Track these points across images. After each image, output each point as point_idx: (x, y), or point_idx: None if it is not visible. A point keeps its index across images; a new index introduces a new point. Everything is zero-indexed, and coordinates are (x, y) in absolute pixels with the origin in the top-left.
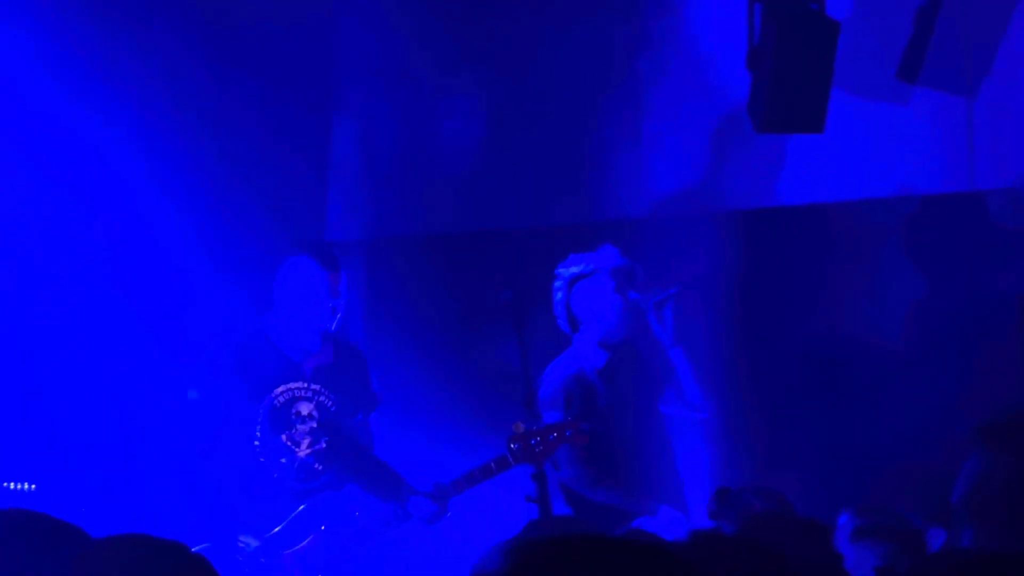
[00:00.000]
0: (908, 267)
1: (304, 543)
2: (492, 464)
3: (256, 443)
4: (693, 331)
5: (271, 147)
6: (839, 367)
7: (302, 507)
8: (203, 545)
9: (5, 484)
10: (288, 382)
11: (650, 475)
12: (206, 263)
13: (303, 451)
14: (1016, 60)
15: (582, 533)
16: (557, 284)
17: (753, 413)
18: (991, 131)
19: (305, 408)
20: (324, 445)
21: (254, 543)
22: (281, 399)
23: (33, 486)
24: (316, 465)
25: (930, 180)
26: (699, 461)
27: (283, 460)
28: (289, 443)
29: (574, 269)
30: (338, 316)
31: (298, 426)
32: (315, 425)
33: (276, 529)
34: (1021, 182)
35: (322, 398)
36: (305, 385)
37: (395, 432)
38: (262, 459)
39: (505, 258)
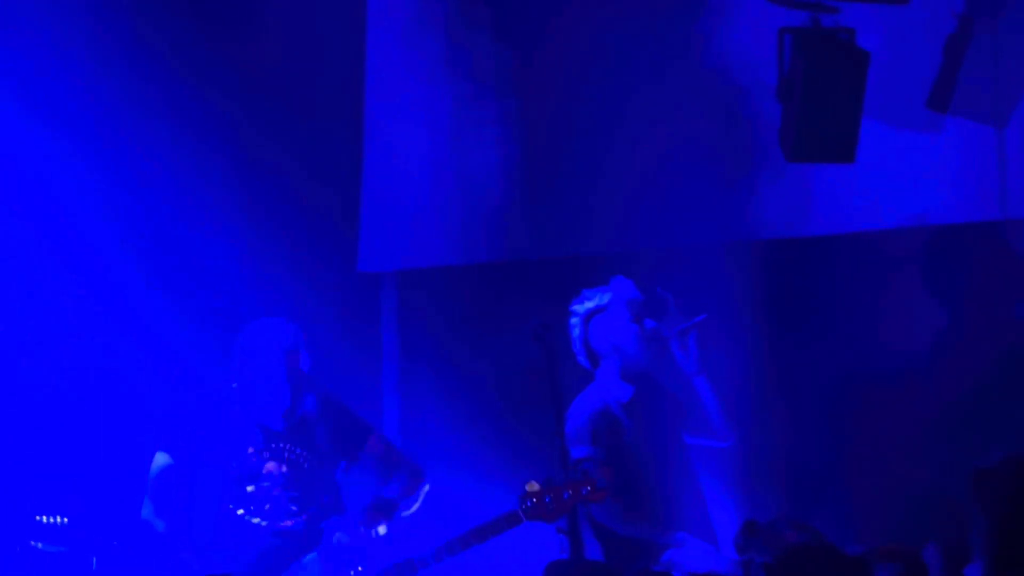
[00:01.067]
0: (937, 297)
1: None
2: (503, 520)
3: (230, 506)
4: (718, 361)
5: (302, 181)
6: (865, 397)
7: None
8: None
9: (38, 518)
10: (256, 442)
11: (677, 507)
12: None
13: (271, 510)
14: None
15: None
16: (573, 321)
17: (778, 442)
18: (1022, 160)
19: (274, 466)
20: (296, 496)
21: None
22: (250, 459)
23: (65, 519)
24: (287, 517)
25: (961, 209)
26: (725, 492)
27: (254, 520)
28: (258, 501)
29: (588, 304)
30: (303, 374)
31: (266, 483)
32: (284, 481)
33: None
34: None
35: (292, 455)
36: (273, 444)
37: (423, 463)
38: (233, 518)
39: (537, 288)
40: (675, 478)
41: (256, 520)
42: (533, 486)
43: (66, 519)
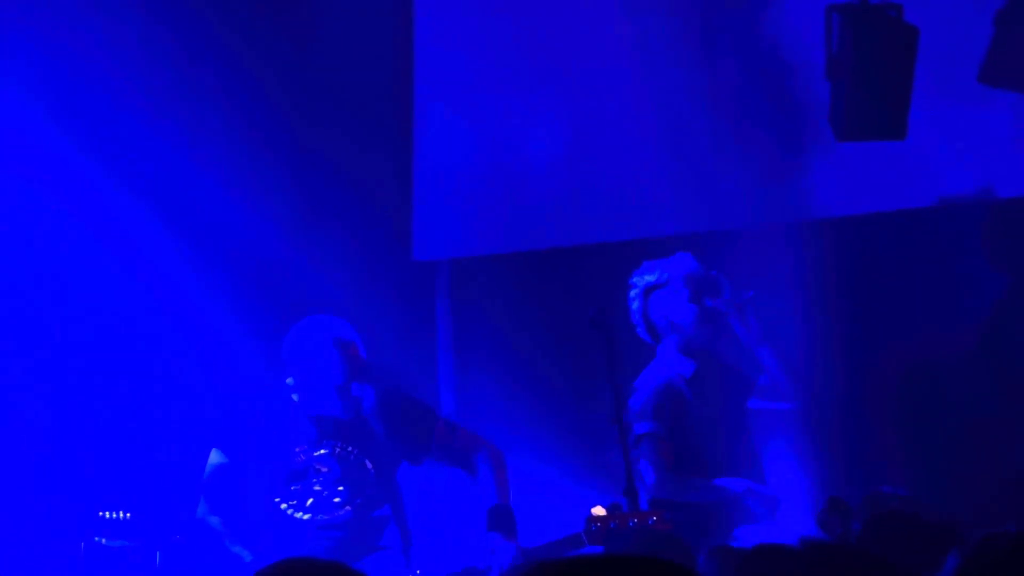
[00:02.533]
0: (991, 271)
1: None
2: (565, 542)
3: (277, 500)
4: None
5: (354, 171)
6: (921, 372)
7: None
8: None
9: (101, 513)
10: (306, 438)
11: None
12: (293, 292)
13: (314, 504)
14: None
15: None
16: (632, 293)
17: (842, 420)
18: None
19: (323, 462)
20: (343, 490)
21: None
22: (298, 456)
23: (128, 514)
24: (332, 510)
25: (1013, 183)
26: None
27: (298, 515)
28: (302, 496)
29: (648, 278)
30: (360, 363)
31: (313, 479)
32: (331, 476)
33: None
34: None
35: (342, 450)
36: (324, 440)
37: None
38: (279, 514)
39: (592, 274)
40: (737, 450)
41: (300, 515)
42: (599, 511)
43: (129, 514)
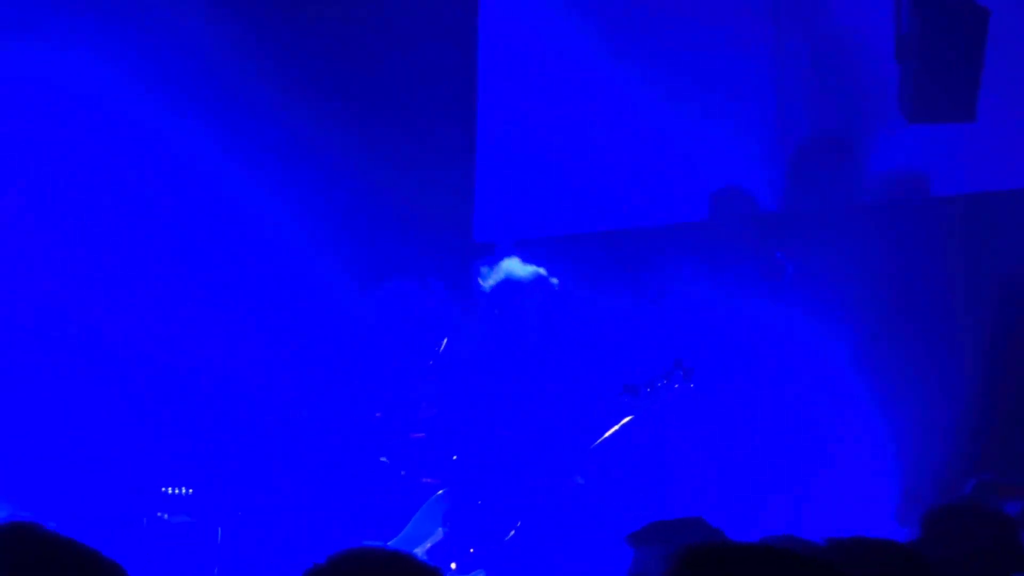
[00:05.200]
0: None
1: (430, 544)
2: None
3: (383, 459)
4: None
5: (417, 152)
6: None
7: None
8: None
9: (164, 489)
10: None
11: None
12: (354, 271)
13: (418, 460)
14: None
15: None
16: None
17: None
18: None
19: (417, 425)
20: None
21: None
22: (399, 414)
23: (190, 491)
24: (426, 472)
25: None
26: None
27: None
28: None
29: None
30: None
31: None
32: (425, 441)
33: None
34: None
35: (430, 415)
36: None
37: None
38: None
39: (653, 256)
40: None
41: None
42: None
43: (191, 490)
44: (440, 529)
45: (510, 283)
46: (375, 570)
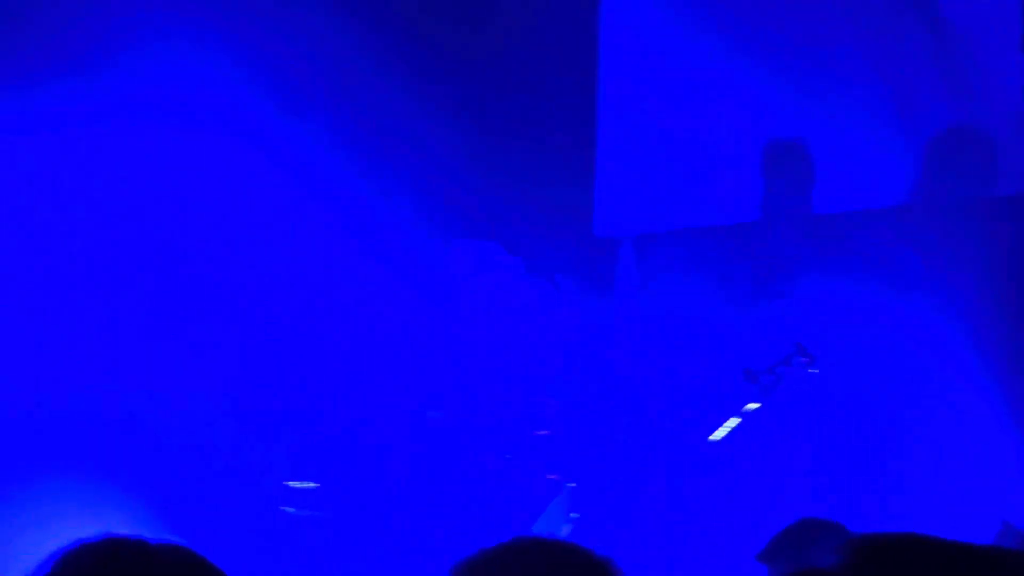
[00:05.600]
0: None
1: None
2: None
3: (507, 456)
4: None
5: (537, 146)
6: None
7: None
8: None
9: (289, 483)
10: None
11: None
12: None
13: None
14: None
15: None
16: None
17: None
18: None
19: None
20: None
21: None
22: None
23: (316, 484)
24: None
25: None
26: None
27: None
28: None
29: None
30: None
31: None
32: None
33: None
34: None
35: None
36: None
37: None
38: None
39: (775, 250)
40: None
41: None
42: None
43: (317, 484)
44: (566, 526)
45: None
46: (551, 557)
